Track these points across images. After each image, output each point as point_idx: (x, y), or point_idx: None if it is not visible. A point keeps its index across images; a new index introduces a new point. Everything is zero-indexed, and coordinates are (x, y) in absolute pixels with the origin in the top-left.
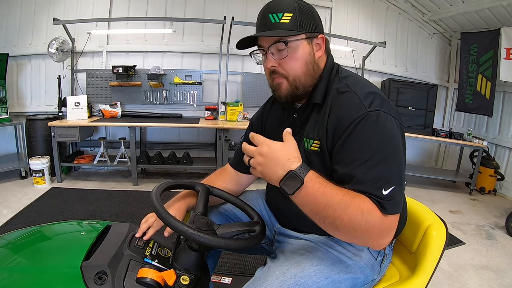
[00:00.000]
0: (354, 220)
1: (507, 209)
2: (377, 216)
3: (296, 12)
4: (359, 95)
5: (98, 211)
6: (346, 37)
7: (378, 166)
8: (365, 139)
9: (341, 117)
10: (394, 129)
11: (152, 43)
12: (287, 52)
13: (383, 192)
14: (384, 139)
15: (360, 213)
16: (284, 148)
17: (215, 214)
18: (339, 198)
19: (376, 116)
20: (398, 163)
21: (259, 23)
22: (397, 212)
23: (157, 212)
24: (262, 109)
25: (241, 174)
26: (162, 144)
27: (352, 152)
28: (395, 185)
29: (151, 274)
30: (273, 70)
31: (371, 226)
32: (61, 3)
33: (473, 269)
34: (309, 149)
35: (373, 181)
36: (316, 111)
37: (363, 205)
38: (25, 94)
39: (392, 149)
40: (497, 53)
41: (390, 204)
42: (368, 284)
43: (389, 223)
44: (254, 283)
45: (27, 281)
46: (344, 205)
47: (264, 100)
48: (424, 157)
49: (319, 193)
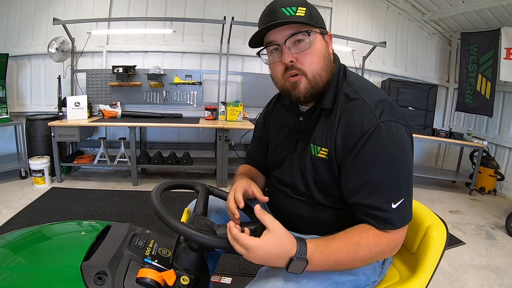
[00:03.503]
0: (366, 259)
1: (507, 209)
2: (384, 243)
3: (309, 7)
4: (369, 103)
5: (98, 211)
6: (346, 37)
7: (388, 180)
8: (375, 153)
9: (352, 127)
10: (404, 139)
11: (152, 43)
12: (306, 45)
13: (392, 205)
14: (394, 151)
15: (368, 251)
16: (273, 242)
17: (215, 214)
18: (345, 254)
19: (387, 128)
20: (407, 174)
21: (269, 19)
22: (406, 224)
23: (157, 213)
24: (265, 110)
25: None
26: (162, 144)
27: (362, 167)
28: (404, 198)
29: (151, 274)
30: (290, 66)
31: (382, 252)
32: (61, 3)
33: (473, 269)
34: (316, 156)
35: (382, 196)
36: (324, 116)
37: (368, 242)
38: (25, 94)
39: (402, 161)
40: (497, 53)
41: (398, 219)
42: (370, 286)
43: (399, 237)
44: (255, 284)
45: (27, 281)
46: (352, 255)
47: (264, 100)
48: (424, 157)
49: (325, 260)
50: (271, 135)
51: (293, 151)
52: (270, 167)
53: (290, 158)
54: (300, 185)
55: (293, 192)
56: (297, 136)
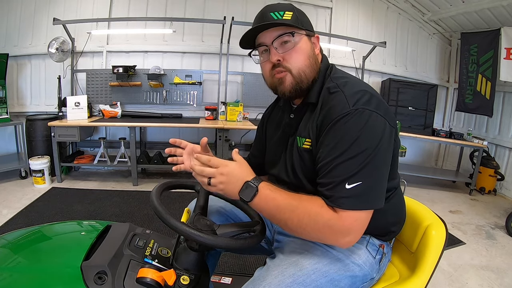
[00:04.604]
0: (302, 221)
1: (507, 209)
2: (326, 217)
3: (295, 12)
4: (346, 94)
5: (98, 211)
6: (346, 37)
7: (348, 161)
8: (340, 134)
9: (326, 115)
10: (377, 127)
11: (152, 43)
12: (291, 45)
13: (346, 186)
14: (361, 135)
15: (307, 215)
16: (239, 166)
17: (215, 214)
18: (287, 202)
19: (359, 114)
20: (372, 160)
21: (259, 22)
22: (357, 209)
23: (157, 213)
24: (264, 114)
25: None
26: (162, 144)
27: (327, 147)
28: (362, 181)
29: (151, 274)
30: (277, 64)
31: (320, 226)
32: (61, 3)
33: (473, 269)
34: (301, 147)
35: (338, 175)
36: (309, 110)
37: (310, 208)
38: (25, 94)
39: (367, 145)
40: (497, 53)
41: (349, 201)
42: (367, 283)
43: (348, 221)
44: (253, 282)
45: (27, 281)
46: (291, 208)
47: (264, 100)
48: (424, 157)
49: (269, 198)
50: (269, 136)
51: (286, 148)
52: (268, 166)
53: (284, 155)
54: (293, 180)
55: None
56: (288, 131)
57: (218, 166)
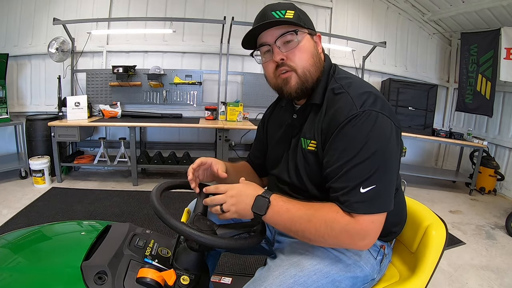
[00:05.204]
0: (320, 230)
1: (507, 209)
2: (342, 223)
3: (297, 11)
4: (352, 95)
5: (98, 211)
6: (346, 37)
7: (360, 165)
8: (350, 138)
9: (332, 117)
10: (384, 128)
11: (152, 43)
12: (295, 43)
13: (361, 190)
14: (371, 138)
15: (323, 223)
16: (246, 184)
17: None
18: (302, 212)
19: (366, 116)
20: (383, 162)
21: (260, 22)
22: (372, 212)
23: (157, 213)
24: (264, 114)
25: (257, 175)
26: (162, 144)
27: (337, 152)
28: (376, 185)
29: (151, 274)
30: (281, 63)
31: (338, 233)
32: (61, 3)
33: (473, 269)
34: (306, 149)
35: (351, 180)
36: (314, 111)
37: (326, 215)
38: (25, 94)
39: (378, 147)
40: (497, 53)
41: (364, 205)
42: (368, 283)
43: (364, 225)
44: (254, 283)
45: (27, 281)
46: (307, 217)
47: (264, 100)
48: (424, 157)
49: (283, 210)
50: (270, 136)
51: (289, 149)
52: (270, 167)
53: (286, 155)
54: (295, 181)
55: (290, 189)
56: (291, 132)
57: (226, 191)
